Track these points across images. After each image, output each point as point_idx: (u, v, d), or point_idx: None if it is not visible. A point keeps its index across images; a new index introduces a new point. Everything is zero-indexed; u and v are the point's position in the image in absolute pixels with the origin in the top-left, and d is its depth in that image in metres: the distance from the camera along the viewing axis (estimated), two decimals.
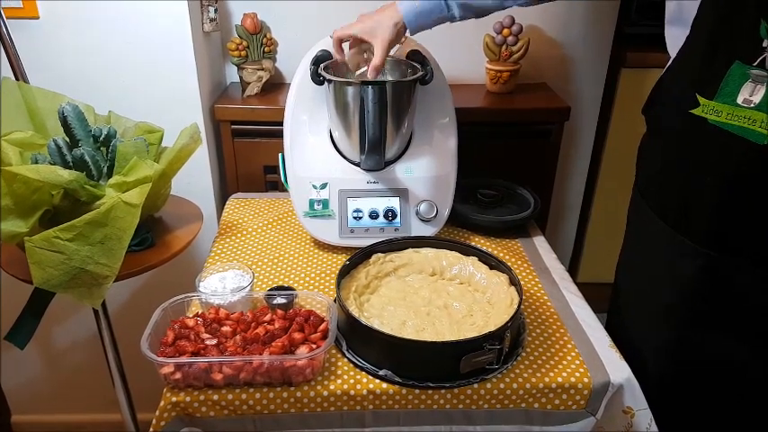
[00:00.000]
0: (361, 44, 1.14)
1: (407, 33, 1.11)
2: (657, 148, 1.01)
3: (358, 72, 1.19)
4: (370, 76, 1.09)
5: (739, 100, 0.81)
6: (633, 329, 1.06)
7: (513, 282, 1.02)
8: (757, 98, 0.80)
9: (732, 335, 0.94)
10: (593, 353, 0.97)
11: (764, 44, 0.78)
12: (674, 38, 0.92)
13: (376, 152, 1.14)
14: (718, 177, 0.87)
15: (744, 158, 0.83)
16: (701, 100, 0.85)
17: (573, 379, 0.91)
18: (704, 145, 0.87)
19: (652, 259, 1.03)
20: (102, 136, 1.11)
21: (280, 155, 1.27)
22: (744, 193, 0.85)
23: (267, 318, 0.94)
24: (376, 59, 1.08)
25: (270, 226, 1.33)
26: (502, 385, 0.90)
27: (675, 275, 0.97)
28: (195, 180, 1.46)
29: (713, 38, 0.84)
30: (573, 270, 2.05)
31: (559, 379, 0.91)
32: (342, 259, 1.17)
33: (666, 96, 0.96)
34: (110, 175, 1.10)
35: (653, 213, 1.00)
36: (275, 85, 1.60)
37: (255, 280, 1.13)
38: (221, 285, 1.03)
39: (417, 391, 0.89)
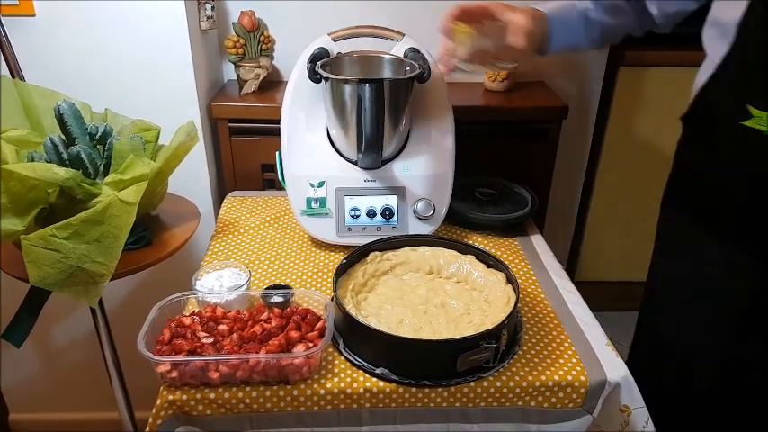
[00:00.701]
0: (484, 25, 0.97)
1: (550, 44, 1.04)
2: (705, 162, 0.95)
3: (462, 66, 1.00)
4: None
5: None
6: (676, 343, 1.03)
7: (511, 280, 1.02)
8: None
9: None
10: (590, 351, 0.97)
11: None
12: (715, 43, 0.87)
13: (373, 150, 1.14)
14: None
15: None
16: (754, 111, 0.80)
17: (570, 377, 0.91)
18: (762, 158, 0.83)
19: (697, 272, 0.99)
20: (99, 134, 1.11)
21: (277, 153, 1.26)
22: None
23: (264, 316, 0.94)
24: (518, 40, 0.94)
25: (267, 224, 1.33)
26: (499, 383, 0.90)
27: (728, 289, 0.94)
28: (192, 178, 1.46)
29: (761, 43, 0.80)
30: (570, 268, 2.06)
31: (556, 377, 0.91)
32: (339, 257, 1.17)
33: (712, 106, 0.90)
34: (106, 173, 1.10)
35: (702, 226, 0.95)
36: (272, 83, 1.60)
37: (252, 278, 1.13)
38: (218, 284, 1.03)
39: (414, 389, 0.89)
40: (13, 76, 1.20)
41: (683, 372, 0.96)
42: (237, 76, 1.55)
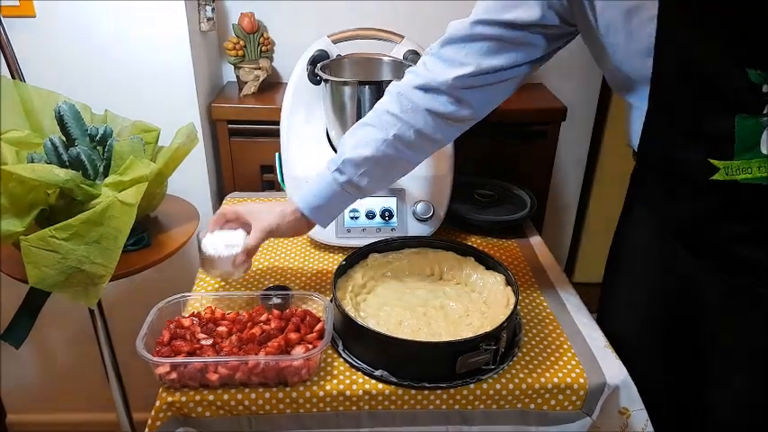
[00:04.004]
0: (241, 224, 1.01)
1: (312, 219, 1.00)
2: (682, 201, 0.88)
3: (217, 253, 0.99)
4: (237, 260, 0.98)
5: (765, 150, 0.73)
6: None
7: (510, 282, 1.02)
8: None
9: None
10: (590, 353, 0.97)
11: (765, 89, 0.70)
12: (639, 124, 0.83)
13: None
14: (763, 224, 0.79)
15: None
16: (719, 164, 0.75)
17: (569, 379, 0.91)
18: (745, 201, 0.78)
19: (689, 305, 0.93)
20: (99, 135, 1.11)
21: (276, 154, 1.27)
22: None
23: (263, 318, 0.94)
24: (249, 240, 0.97)
25: None
26: (498, 386, 0.90)
27: (731, 321, 0.88)
28: (191, 179, 1.46)
29: (693, 100, 0.76)
30: (569, 270, 2.06)
31: (555, 379, 0.91)
32: (338, 259, 1.17)
33: (665, 171, 0.86)
34: (106, 174, 1.10)
35: (690, 257, 0.89)
36: (272, 85, 1.60)
37: (252, 279, 1.14)
38: (221, 242, 0.99)
39: (413, 391, 0.89)
40: (13, 77, 1.20)
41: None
42: (237, 77, 1.55)
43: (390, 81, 1.14)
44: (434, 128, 0.95)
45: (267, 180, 1.55)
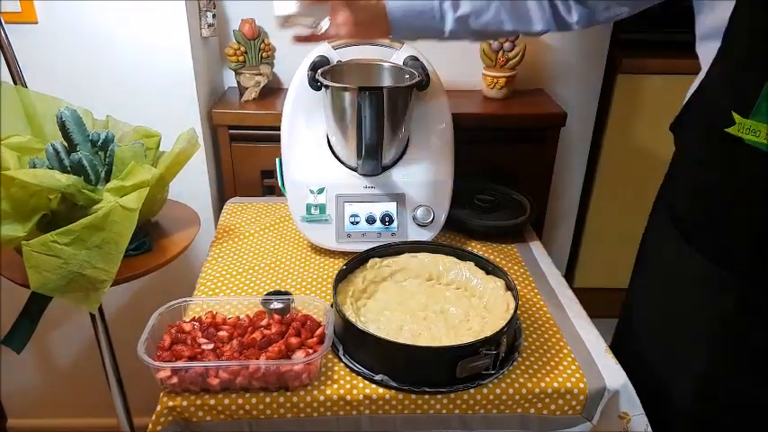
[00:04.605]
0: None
1: (392, 32, 1.01)
2: (690, 171, 0.94)
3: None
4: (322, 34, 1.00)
5: None
6: (657, 364, 1.00)
7: (510, 287, 1.02)
8: None
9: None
10: (590, 358, 0.97)
11: None
12: (709, 52, 0.85)
13: (373, 157, 1.15)
14: (758, 201, 0.81)
15: None
16: (737, 118, 0.78)
17: (569, 384, 0.92)
18: (742, 167, 0.81)
19: (677, 291, 0.97)
20: (100, 140, 1.11)
21: (277, 159, 1.27)
22: None
23: (264, 322, 0.95)
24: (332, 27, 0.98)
25: (267, 230, 1.33)
26: (498, 390, 0.91)
27: (708, 309, 0.91)
28: (192, 184, 1.47)
29: (747, 52, 0.78)
30: (569, 275, 2.06)
31: (555, 384, 0.92)
32: (339, 264, 1.17)
33: (699, 113, 0.88)
34: (107, 179, 1.10)
35: (683, 241, 0.93)
36: (273, 90, 1.60)
37: (252, 284, 1.14)
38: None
39: (413, 396, 0.89)
40: (15, 83, 1.20)
41: (658, 388, 0.94)
42: (238, 83, 1.55)
43: (390, 87, 1.15)
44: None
45: (268, 185, 1.55)
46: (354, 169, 1.22)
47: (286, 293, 1.07)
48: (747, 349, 0.89)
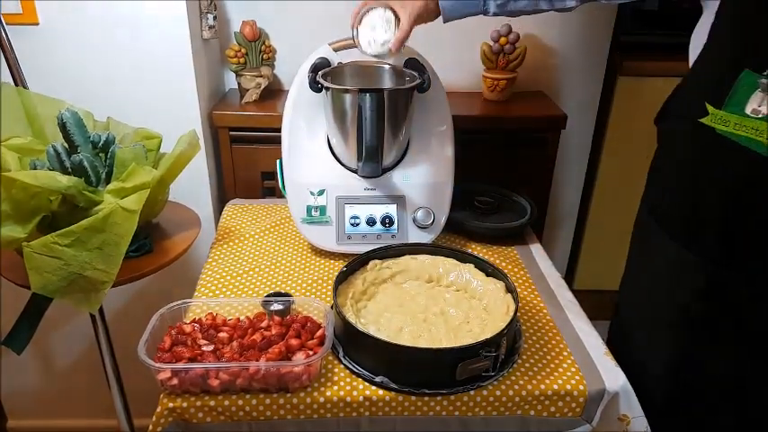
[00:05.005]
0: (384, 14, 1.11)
1: (442, 18, 1.10)
2: (666, 160, 0.99)
3: (370, 50, 1.13)
4: (393, 48, 1.09)
5: (748, 110, 0.80)
6: (637, 349, 1.04)
7: (510, 289, 1.03)
8: (765, 108, 0.79)
9: (737, 355, 0.93)
10: (589, 360, 0.97)
11: None
12: (695, 50, 0.91)
13: (373, 159, 1.14)
14: (724, 188, 0.86)
15: (749, 170, 0.82)
16: (711, 109, 0.84)
17: (569, 386, 0.92)
18: (711, 155, 0.86)
19: (656, 277, 1.02)
20: (101, 142, 1.11)
21: (277, 161, 1.27)
22: (748, 205, 0.84)
23: (264, 324, 0.95)
24: (400, 32, 1.07)
25: (267, 232, 1.33)
26: (498, 392, 0.91)
27: (679, 291, 0.95)
28: (193, 186, 1.47)
29: (726, 46, 0.83)
30: (569, 277, 2.06)
31: (555, 386, 0.92)
32: (339, 266, 1.18)
33: (679, 106, 0.94)
34: (108, 181, 1.11)
35: (658, 227, 0.98)
36: (273, 92, 1.61)
37: (252, 286, 1.14)
38: (371, 37, 1.10)
39: (413, 397, 0.89)
40: (16, 84, 1.20)
41: (641, 374, 0.97)
42: (239, 84, 1.56)
43: (390, 89, 1.16)
44: None
45: (268, 187, 1.55)
46: (355, 171, 1.23)
47: (286, 295, 1.07)
48: (716, 330, 0.93)
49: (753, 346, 0.93)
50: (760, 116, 0.79)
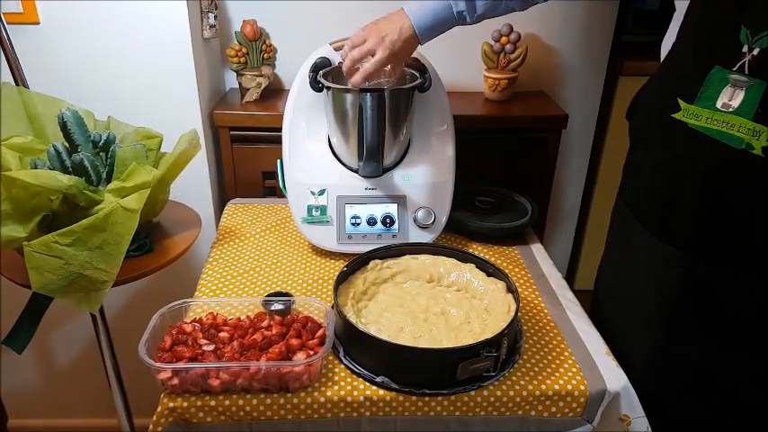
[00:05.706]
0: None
1: (419, 39, 1.07)
2: (641, 156, 1.01)
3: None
4: (354, 81, 1.07)
5: (719, 104, 0.83)
6: (616, 342, 1.04)
7: (511, 289, 1.02)
8: (736, 102, 0.81)
9: (715, 347, 0.94)
10: (590, 360, 0.97)
11: (744, 49, 0.79)
12: (666, 47, 0.95)
13: (374, 159, 1.14)
14: (698, 182, 0.87)
15: (722, 163, 0.84)
16: (682, 104, 0.86)
17: (569, 386, 0.92)
18: (684, 150, 0.88)
19: (633, 270, 1.03)
20: (102, 141, 1.11)
21: (278, 161, 1.27)
22: (723, 199, 0.86)
23: (264, 324, 0.95)
24: (369, 64, 1.05)
25: (268, 232, 1.33)
26: (498, 392, 0.91)
27: (657, 285, 0.97)
28: (194, 185, 1.47)
29: (696, 43, 0.85)
30: (570, 277, 2.06)
31: (556, 386, 0.91)
32: (339, 265, 1.17)
33: (650, 101, 0.97)
34: (109, 180, 1.11)
35: (637, 222, 1.00)
36: (274, 92, 1.61)
37: (253, 286, 1.14)
38: None
39: (414, 397, 0.89)
40: (16, 83, 1.20)
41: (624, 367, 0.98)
42: (239, 84, 1.56)
43: (391, 89, 1.16)
44: None
45: (269, 186, 1.55)
46: (355, 171, 1.22)
47: (287, 295, 1.07)
48: (694, 320, 0.95)
49: (732, 339, 0.94)
50: (730, 110, 0.81)
